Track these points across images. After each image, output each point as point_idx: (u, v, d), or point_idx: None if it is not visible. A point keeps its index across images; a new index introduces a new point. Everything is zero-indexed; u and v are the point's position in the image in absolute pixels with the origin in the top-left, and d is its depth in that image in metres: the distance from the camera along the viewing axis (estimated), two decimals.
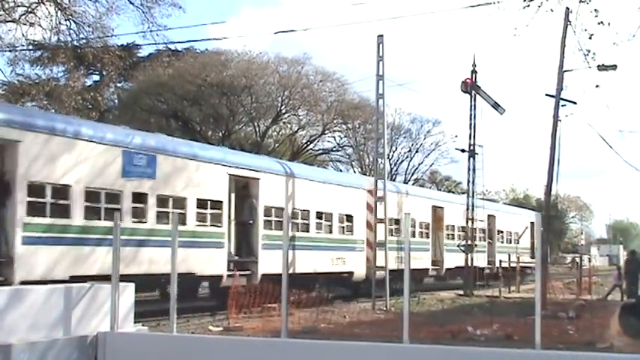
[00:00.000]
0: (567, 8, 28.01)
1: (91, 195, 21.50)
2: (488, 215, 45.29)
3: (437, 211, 42.40)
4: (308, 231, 31.29)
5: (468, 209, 39.94)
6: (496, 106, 38.99)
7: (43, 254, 19.78)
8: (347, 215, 33.98)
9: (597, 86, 29.60)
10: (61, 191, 20.70)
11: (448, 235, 43.23)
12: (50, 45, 39.21)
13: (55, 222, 20.41)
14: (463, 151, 41.46)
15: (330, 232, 32.81)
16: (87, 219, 21.26)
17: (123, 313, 13.71)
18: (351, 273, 33.99)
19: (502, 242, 50.30)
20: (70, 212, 20.84)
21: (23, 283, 17.77)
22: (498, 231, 49.50)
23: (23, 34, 38.21)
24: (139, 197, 23.07)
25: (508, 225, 51.58)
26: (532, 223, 45.03)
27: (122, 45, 45.78)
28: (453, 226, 43.76)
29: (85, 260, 20.80)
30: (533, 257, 41.20)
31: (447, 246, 42.49)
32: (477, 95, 39.39)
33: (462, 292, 38.07)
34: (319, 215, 32.15)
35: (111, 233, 15.11)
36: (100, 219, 21.56)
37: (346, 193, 34.16)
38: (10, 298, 12.06)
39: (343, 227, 33.84)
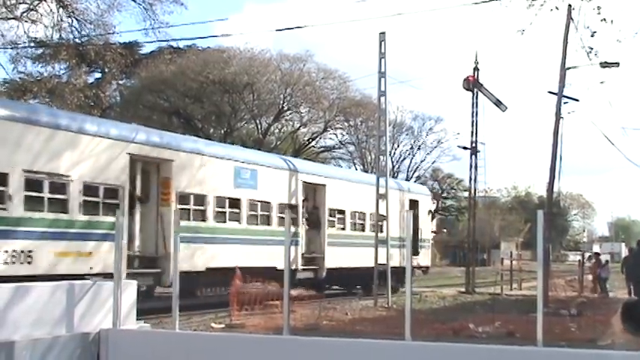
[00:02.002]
0: (570, 6, 28.06)
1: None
2: (306, 183, 31.22)
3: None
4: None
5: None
6: (498, 103, 38.99)
7: None
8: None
9: (602, 82, 29.70)
10: None
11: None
12: (52, 42, 39.30)
13: None
14: (465, 148, 41.47)
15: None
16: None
17: (125, 310, 13.72)
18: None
19: (341, 227, 33.94)
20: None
21: None
22: (334, 211, 33.04)
23: (25, 32, 38.33)
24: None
25: (352, 201, 34.34)
26: (414, 202, 37.87)
27: (124, 42, 45.84)
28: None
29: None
30: (416, 254, 36.80)
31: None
32: (479, 93, 39.39)
33: (463, 290, 38.09)
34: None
35: None
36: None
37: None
38: (13, 294, 12.09)
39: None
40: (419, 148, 78.67)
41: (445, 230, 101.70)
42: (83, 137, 21.44)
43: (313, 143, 66.63)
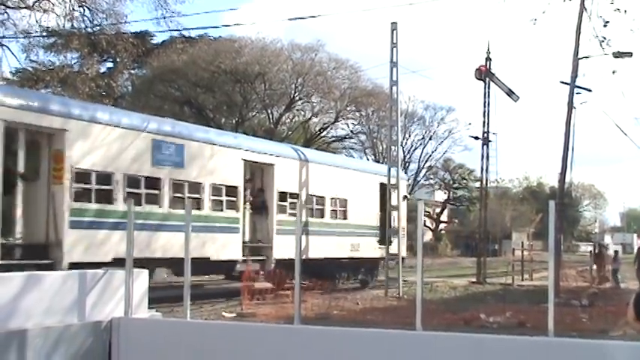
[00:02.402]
0: None
1: None
2: (250, 162, 27.76)
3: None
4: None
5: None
6: (510, 93, 38.90)
7: None
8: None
9: (614, 72, 29.61)
10: None
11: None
12: (64, 32, 39.38)
13: None
14: (477, 138, 41.46)
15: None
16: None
17: (137, 299, 13.75)
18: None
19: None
20: None
21: None
22: (285, 194, 28.93)
23: (37, 21, 38.43)
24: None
25: (311, 184, 30.63)
26: (382, 185, 33.87)
27: (136, 32, 45.87)
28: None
29: None
30: (382, 243, 33.30)
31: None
32: (491, 83, 39.30)
33: (474, 280, 38.08)
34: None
35: None
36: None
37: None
38: (26, 283, 12.13)
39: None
40: (430, 138, 78.55)
41: (456, 220, 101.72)
42: None
43: (324, 133, 66.52)
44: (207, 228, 24.16)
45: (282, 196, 28.63)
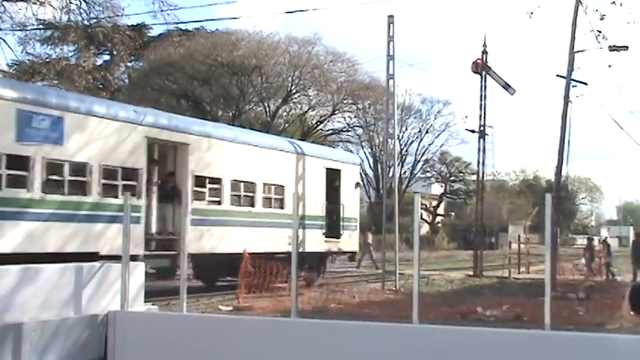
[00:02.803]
0: None
1: None
2: (155, 141, 23.75)
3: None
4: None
5: None
6: (507, 86, 38.87)
7: None
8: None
9: (610, 66, 29.66)
10: None
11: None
12: (61, 24, 39.27)
13: None
14: (473, 131, 41.38)
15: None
16: None
17: (133, 292, 13.75)
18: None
19: (216, 200, 25.57)
20: None
21: None
22: (203, 179, 24.88)
23: (34, 14, 38.31)
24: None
25: (238, 168, 26.49)
26: (334, 171, 31.39)
27: (133, 25, 45.79)
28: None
29: None
30: (330, 236, 30.79)
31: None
32: (488, 76, 39.28)
33: (471, 273, 38.10)
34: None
35: None
36: None
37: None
38: (22, 276, 12.11)
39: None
40: (427, 132, 78.70)
41: (453, 214, 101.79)
42: None
43: (321, 126, 66.52)
44: (95, 217, 20.85)
45: (200, 180, 24.64)
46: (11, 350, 11.56)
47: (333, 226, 31.14)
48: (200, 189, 24.68)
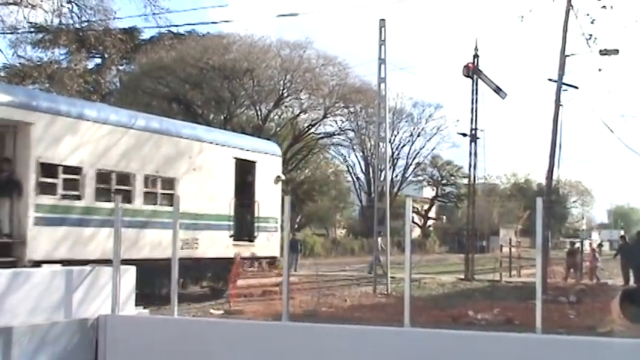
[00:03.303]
0: None
1: None
2: None
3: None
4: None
5: None
6: (498, 90, 38.93)
7: None
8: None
9: (600, 70, 29.75)
10: None
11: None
12: (52, 27, 39.14)
13: None
14: (464, 135, 41.43)
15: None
16: None
17: (124, 296, 13.72)
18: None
19: (74, 195, 20.78)
20: None
21: None
22: (55, 168, 20.16)
23: (25, 17, 38.15)
24: None
25: (105, 154, 21.70)
26: (248, 163, 27.20)
27: (124, 28, 45.72)
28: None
29: None
30: (239, 239, 26.33)
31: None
32: (479, 80, 39.33)
33: (462, 277, 38.12)
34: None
35: None
36: None
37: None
38: (11, 280, 12.08)
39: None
40: (418, 135, 78.83)
41: (444, 217, 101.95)
42: None
43: (313, 130, 66.52)
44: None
45: (50, 170, 20.00)
46: (1, 354, 11.52)
47: (244, 228, 26.96)
48: (49, 180, 19.95)
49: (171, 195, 22.60)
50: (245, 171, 26.99)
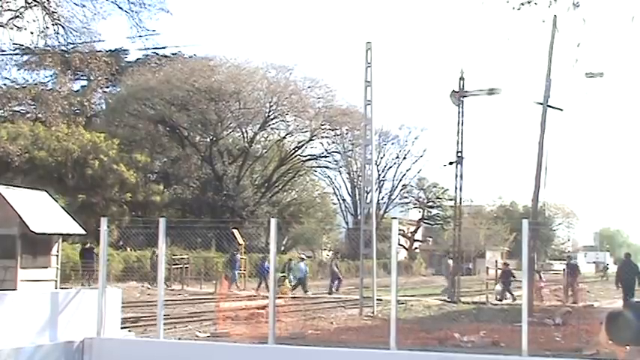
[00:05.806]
0: (555, 16, 28.23)
1: None
2: None
3: None
4: None
5: None
6: (491, 91, 39.07)
7: None
8: None
9: (586, 93, 29.93)
10: None
11: None
12: (37, 49, 39.12)
13: None
14: (451, 163, 41.49)
15: None
16: None
17: (109, 319, 13.66)
18: None
19: None
20: None
21: None
22: None
23: (10, 39, 38.10)
24: None
25: None
26: None
27: (110, 50, 45.80)
28: None
29: None
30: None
31: None
32: (465, 103, 39.46)
33: (449, 299, 38.07)
34: None
35: None
36: None
37: None
38: None
39: None
40: (404, 157, 78.89)
41: (431, 239, 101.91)
42: None
43: (299, 152, 66.59)
44: None
45: None
46: None
47: None
48: None
49: None
50: None
